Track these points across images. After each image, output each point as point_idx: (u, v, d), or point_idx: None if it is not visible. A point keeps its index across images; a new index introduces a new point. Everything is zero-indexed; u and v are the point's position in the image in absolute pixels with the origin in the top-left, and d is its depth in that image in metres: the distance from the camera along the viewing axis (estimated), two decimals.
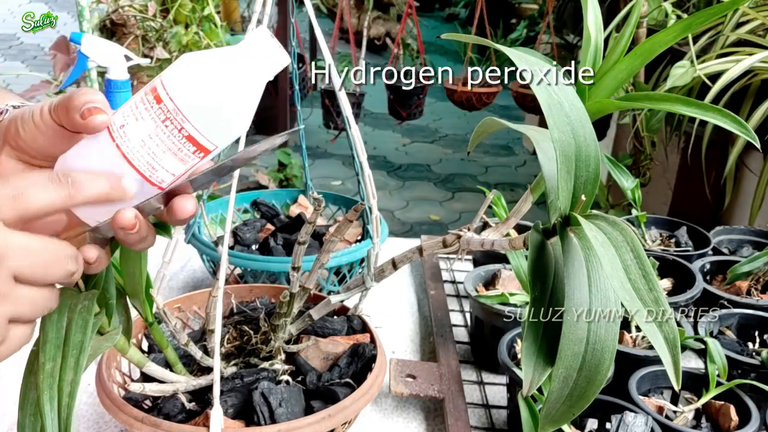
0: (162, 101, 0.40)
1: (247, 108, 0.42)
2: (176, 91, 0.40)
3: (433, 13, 6.73)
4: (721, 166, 1.63)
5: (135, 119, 0.41)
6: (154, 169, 0.41)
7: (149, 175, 0.41)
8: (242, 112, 0.42)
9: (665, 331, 0.35)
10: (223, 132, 0.42)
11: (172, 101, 0.40)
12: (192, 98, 0.40)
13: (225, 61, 0.41)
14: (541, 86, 0.40)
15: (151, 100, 0.40)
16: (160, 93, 0.40)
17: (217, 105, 0.41)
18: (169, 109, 0.40)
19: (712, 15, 0.45)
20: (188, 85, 0.40)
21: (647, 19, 1.62)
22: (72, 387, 0.42)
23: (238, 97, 0.41)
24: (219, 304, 0.62)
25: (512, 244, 0.49)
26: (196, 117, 0.40)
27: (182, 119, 0.40)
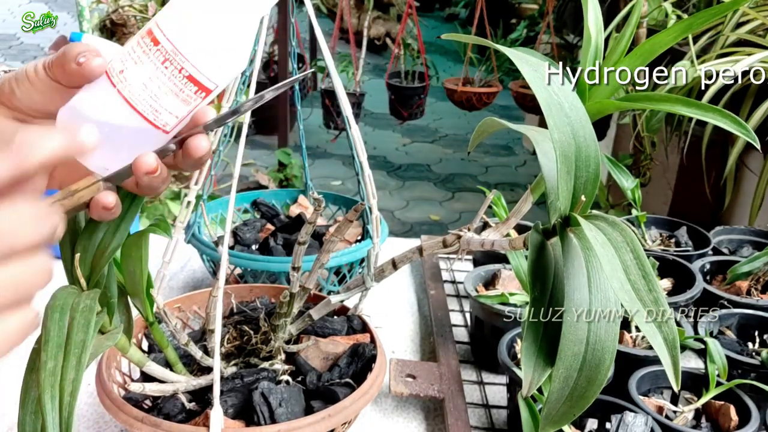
0: (159, 43, 0.40)
1: (245, 43, 0.42)
2: (173, 32, 0.40)
3: (433, 13, 6.72)
4: (721, 166, 1.63)
5: (134, 63, 0.40)
6: (157, 112, 0.41)
7: (153, 118, 0.41)
8: (240, 47, 0.42)
9: (665, 332, 0.35)
10: (223, 69, 0.41)
11: (170, 42, 0.40)
12: (189, 38, 0.40)
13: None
14: (541, 87, 0.40)
15: (149, 42, 0.40)
16: (157, 35, 0.40)
17: (215, 42, 0.40)
18: (168, 50, 0.40)
19: (713, 15, 0.45)
20: (184, 24, 0.40)
21: (647, 19, 1.62)
22: (74, 386, 0.42)
23: (235, 32, 0.41)
24: (219, 304, 0.62)
25: (512, 244, 0.49)
26: (195, 56, 0.40)
27: (182, 59, 0.40)
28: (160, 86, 0.40)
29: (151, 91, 0.40)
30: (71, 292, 0.49)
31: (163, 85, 0.40)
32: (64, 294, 0.48)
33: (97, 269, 0.52)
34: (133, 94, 0.40)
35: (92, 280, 0.52)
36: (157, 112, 0.41)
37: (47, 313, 0.46)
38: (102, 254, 0.51)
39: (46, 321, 0.45)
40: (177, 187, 2.08)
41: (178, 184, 2.13)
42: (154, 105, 0.41)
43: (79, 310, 0.46)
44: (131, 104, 0.40)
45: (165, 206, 1.99)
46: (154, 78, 0.40)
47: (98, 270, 0.52)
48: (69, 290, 0.49)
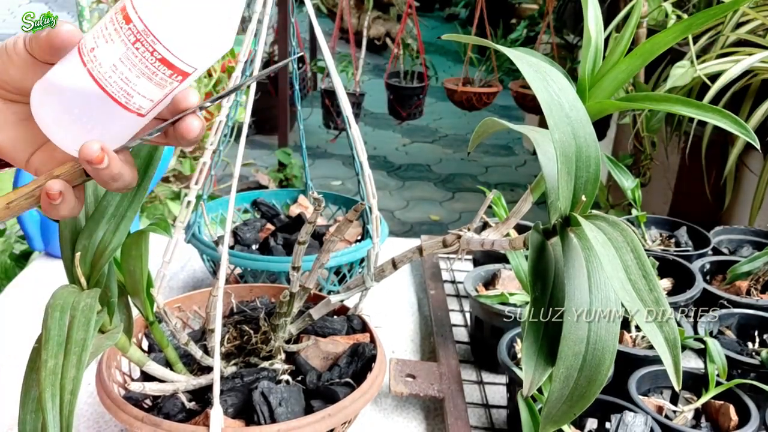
0: (131, 21, 0.36)
1: (227, 25, 0.38)
2: (146, 10, 0.36)
3: (433, 13, 6.72)
4: (721, 166, 1.63)
5: (105, 41, 0.37)
6: (129, 95, 0.38)
7: (125, 101, 0.38)
8: (221, 29, 0.38)
9: (665, 332, 0.35)
10: (201, 53, 0.38)
11: (141, 21, 0.36)
12: (163, 17, 0.36)
13: None
14: (541, 87, 0.40)
15: (121, 20, 0.37)
16: (129, 12, 0.37)
17: (191, 23, 0.37)
18: (139, 29, 0.36)
19: (713, 15, 0.45)
20: (159, 1, 0.36)
21: (647, 19, 1.62)
22: (74, 384, 0.42)
23: (215, 12, 0.38)
24: (219, 304, 0.62)
25: (512, 244, 0.49)
26: (167, 38, 0.37)
27: (153, 41, 0.36)
28: (131, 68, 0.37)
29: (122, 73, 0.37)
30: (71, 291, 0.49)
31: (135, 67, 0.37)
32: (64, 293, 0.48)
33: (98, 268, 0.52)
34: (104, 76, 0.37)
35: (92, 279, 0.52)
36: (129, 95, 0.38)
37: (48, 312, 0.46)
38: (102, 253, 0.52)
39: (46, 320, 0.45)
40: (177, 187, 2.08)
41: (178, 184, 2.13)
42: (126, 88, 0.38)
43: (80, 309, 0.46)
44: (101, 86, 0.38)
45: (165, 206, 1.99)
46: (125, 59, 0.37)
47: (98, 269, 0.52)
48: (69, 289, 0.49)
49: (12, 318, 0.98)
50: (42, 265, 1.11)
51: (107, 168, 0.39)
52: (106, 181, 0.40)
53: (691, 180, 1.78)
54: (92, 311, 0.46)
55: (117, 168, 0.40)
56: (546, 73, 0.41)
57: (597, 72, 0.50)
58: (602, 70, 0.50)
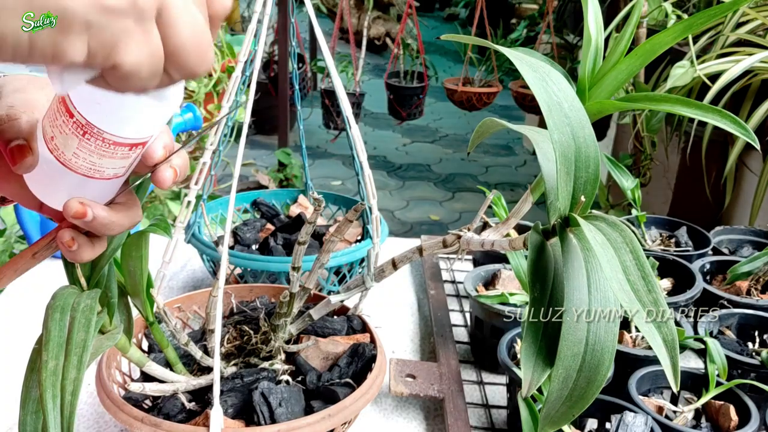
0: (73, 116, 0.37)
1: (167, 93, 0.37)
2: (82, 104, 0.36)
3: (433, 13, 6.73)
4: (721, 166, 1.64)
5: (60, 132, 0.38)
6: (100, 171, 0.39)
7: (99, 175, 0.39)
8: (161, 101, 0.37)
9: (664, 333, 0.35)
10: (151, 123, 0.38)
11: (81, 116, 0.36)
12: (98, 108, 0.36)
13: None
14: (540, 87, 0.40)
15: (64, 112, 0.37)
16: (69, 106, 0.37)
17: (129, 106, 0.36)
18: (82, 123, 0.37)
19: (713, 16, 0.45)
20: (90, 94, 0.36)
21: (647, 19, 1.62)
22: (75, 385, 0.42)
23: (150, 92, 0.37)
24: (219, 304, 0.62)
25: (512, 244, 0.49)
26: (110, 126, 0.37)
27: (98, 132, 0.37)
28: (91, 154, 0.38)
29: (85, 158, 0.38)
30: (72, 292, 0.49)
31: (93, 153, 0.38)
32: (64, 294, 0.48)
33: (98, 269, 0.52)
34: (69, 162, 0.38)
35: (93, 279, 0.52)
36: (100, 171, 0.39)
37: (48, 312, 0.46)
38: (102, 254, 0.51)
39: (46, 321, 0.45)
40: (177, 187, 2.08)
41: (178, 184, 2.13)
42: (94, 167, 0.38)
43: (80, 309, 0.46)
44: (71, 168, 0.39)
45: (165, 206, 1.99)
46: (82, 148, 0.38)
47: (99, 270, 0.52)
48: (69, 290, 0.49)
49: (12, 318, 0.98)
50: (42, 266, 1.11)
51: (94, 220, 0.41)
52: (100, 230, 0.42)
53: (691, 180, 1.79)
54: (92, 312, 0.46)
55: (105, 219, 0.42)
56: (545, 74, 0.41)
57: (597, 72, 0.50)
58: (602, 70, 0.50)
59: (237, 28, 3.60)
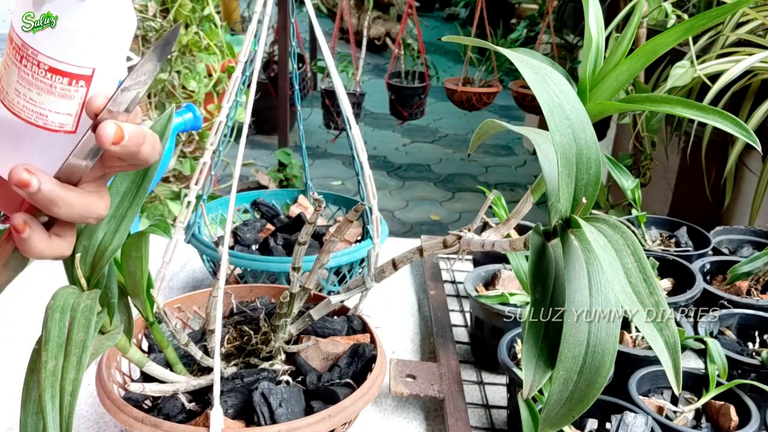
0: (12, 41, 0.35)
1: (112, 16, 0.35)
2: (19, 23, 0.34)
3: (433, 13, 6.73)
4: (721, 166, 1.64)
5: (4, 68, 0.36)
6: (42, 115, 0.36)
7: (43, 123, 0.36)
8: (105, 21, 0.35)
9: (666, 335, 0.35)
10: (91, 51, 0.35)
11: (17, 35, 0.34)
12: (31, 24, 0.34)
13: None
14: (542, 89, 0.40)
15: (8, 44, 0.36)
16: (10, 31, 0.35)
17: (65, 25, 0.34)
18: (19, 45, 0.34)
19: (714, 17, 0.45)
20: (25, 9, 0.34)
21: (647, 19, 1.62)
22: (74, 386, 0.42)
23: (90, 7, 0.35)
24: (219, 304, 0.62)
25: (513, 245, 0.49)
26: (45, 45, 0.34)
27: (33, 52, 0.34)
28: (29, 87, 0.35)
29: (25, 95, 0.35)
30: (72, 292, 0.48)
31: (31, 85, 0.35)
32: (64, 294, 0.48)
33: (98, 269, 0.52)
34: (12, 102, 0.36)
35: (92, 280, 0.52)
36: (43, 115, 0.36)
37: (48, 313, 0.46)
38: (102, 254, 0.51)
39: (46, 321, 0.45)
40: (177, 187, 2.08)
41: (178, 184, 2.13)
42: (35, 108, 0.36)
43: (80, 310, 0.46)
44: (14, 112, 0.36)
45: (165, 206, 1.99)
46: (21, 80, 0.35)
47: (98, 270, 0.52)
48: (69, 290, 0.49)
49: (12, 319, 0.98)
50: (42, 266, 1.11)
51: (38, 192, 0.37)
52: (47, 207, 0.38)
53: (691, 180, 1.79)
54: (92, 312, 0.46)
55: (52, 192, 0.37)
56: (546, 75, 0.41)
57: (598, 73, 0.50)
58: (603, 71, 0.50)
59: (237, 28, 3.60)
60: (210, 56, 2.13)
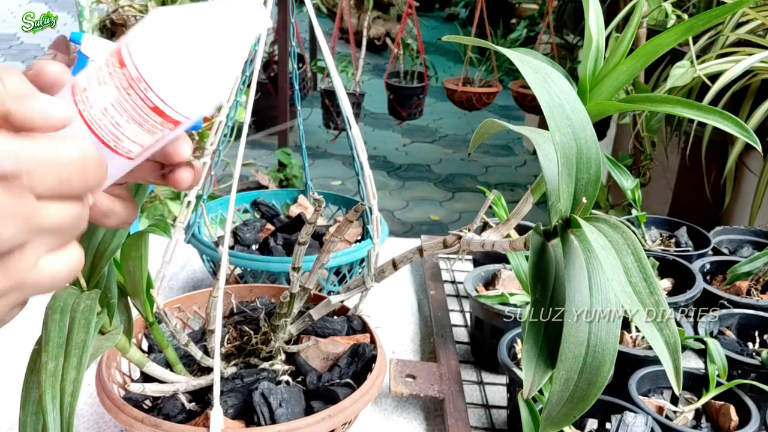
0: (125, 65, 0.35)
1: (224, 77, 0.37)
2: (140, 56, 0.35)
3: (433, 13, 6.73)
4: (721, 166, 1.64)
5: (98, 83, 0.36)
6: (118, 139, 0.37)
7: (114, 145, 0.37)
8: (217, 81, 0.37)
9: (666, 335, 0.35)
10: (195, 103, 0.37)
11: (135, 67, 0.35)
12: (157, 65, 0.35)
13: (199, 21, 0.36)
14: (542, 88, 0.40)
15: (115, 62, 0.36)
16: (124, 56, 0.35)
17: (186, 74, 0.36)
18: (132, 76, 0.35)
19: (714, 17, 0.45)
20: (153, 49, 0.35)
21: (647, 19, 1.62)
22: (74, 386, 0.42)
23: (212, 65, 0.36)
24: (219, 304, 0.62)
25: (513, 245, 0.49)
26: (161, 87, 0.35)
27: (145, 88, 0.35)
28: (122, 113, 0.36)
29: (113, 117, 0.36)
30: (71, 292, 0.48)
31: (126, 113, 0.36)
32: (64, 294, 0.48)
33: (98, 270, 0.52)
34: (94, 118, 0.36)
35: (92, 280, 0.52)
36: (119, 139, 0.37)
37: (47, 313, 0.46)
38: (102, 254, 0.51)
39: (46, 321, 0.45)
40: None
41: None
42: (115, 132, 0.37)
43: (80, 310, 0.46)
44: (91, 128, 0.37)
45: (165, 206, 1.99)
46: (117, 104, 0.36)
47: (98, 270, 0.52)
48: (69, 291, 0.49)
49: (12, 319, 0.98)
50: None
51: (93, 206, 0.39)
52: (97, 218, 0.40)
53: (691, 180, 1.79)
54: (92, 313, 0.46)
55: (105, 205, 0.40)
56: (547, 75, 0.41)
57: (598, 73, 0.50)
58: (603, 71, 0.50)
59: None
60: None
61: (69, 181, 0.33)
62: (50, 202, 0.33)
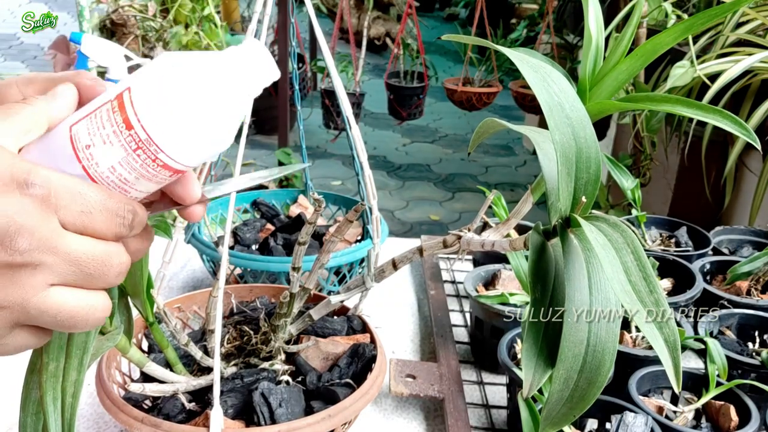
0: (133, 128, 0.35)
1: (229, 128, 0.37)
2: (148, 118, 0.35)
3: (433, 13, 6.73)
4: (721, 166, 1.64)
5: (103, 142, 0.35)
6: (126, 191, 0.37)
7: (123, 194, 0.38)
8: (224, 133, 0.37)
9: (666, 334, 0.35)
10: (201, 154, 0.37)
11: (144, 130, 0.35)
12: (166, 127, 0.35)
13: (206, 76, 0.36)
14: (541, 88, 0.40)
15: (120, 122, 0.35)
16: (130, 118, 0.35)
17: (194, 131, 0.36)
18: (141, 138, 0.35)
19: (714, 16, 0.45)
20: (160, 109, 0.35)
21: (647, 19, 1.62)
22: (75, 387, 0.42)
23: (218, 119, 0.36)
24: (219, 304, 0.62)
25: (513, 245, 0.49)
26: (171, 147, 0.35)
27: (156, 150, 0.35)
28: (131, 171, 0.36)
29: (120, 174, 0.36)
30: None
31: (134, 171, 0.36)
32: None
33: None
34: (101, 175, 0.36)
35: None
36: (126, 191, 0.37)
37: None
38: None
39: None
40: None
41: None
42: (123, 186, 0.36)
43: None
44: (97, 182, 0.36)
45: None
46: (125, 163, 0.35)
47: None
48: None
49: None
50: None
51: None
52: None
53: (691, 180, 1.79)
54: None
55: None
56: (546, 74, 0.41)
57: (598, 72, 0.50)
58: (603, 70, 0.50)
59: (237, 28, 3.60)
60: None
61: (91, 214, 0.34)
62: (74, 232, 0.33)
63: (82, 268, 0.34)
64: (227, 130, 0.37)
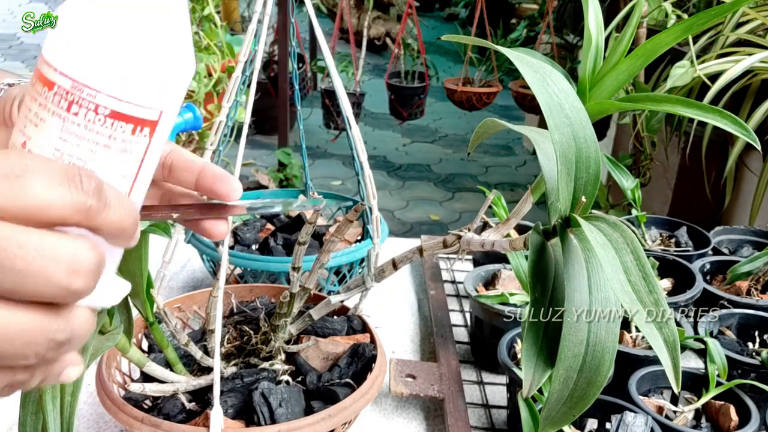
0: (55, 83, 0.28)
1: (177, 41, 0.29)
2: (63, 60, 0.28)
3: (433, 13, 6.73)
4: (721, 166, 1.64)
5: (35, 126, 0.28)
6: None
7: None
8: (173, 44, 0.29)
9: (665, 334, 0.35)
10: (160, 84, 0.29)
11: (65, 76, 0.28)
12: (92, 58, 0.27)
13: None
14: (541, 88, 0.40)
15: (41, 89, 0.28)
16: (47, 74, 0.28)
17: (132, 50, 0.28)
18: (67, 88, 0.28)
19: (714, 16, 0.45)
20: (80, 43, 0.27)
21: (647, 19, 1.62)
22: (75, 386, 0.42)
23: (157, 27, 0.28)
24: (219, 304, 0.62)
25: (512, 244, 0.49)
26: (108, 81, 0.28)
27: (90, 93, 0.28)
28: (79, 143, 0.28)
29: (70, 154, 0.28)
30: None
31: (83, 140, 0.28)
32: None
33: None
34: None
35: None
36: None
37: None
38: None
39: None
40: None
41: None
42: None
43: None
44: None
45: None
46: (68, 134, 0.28)
47: None
48: None
49: None
50: None
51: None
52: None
53: (691, 180, 1.79)
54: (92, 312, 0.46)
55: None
56: (546, 74, 0.41)
57: (597, 72, 0.50)
58: (603, 70, 0.50)
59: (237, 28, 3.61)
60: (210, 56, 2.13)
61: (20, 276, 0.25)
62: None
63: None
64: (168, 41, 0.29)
